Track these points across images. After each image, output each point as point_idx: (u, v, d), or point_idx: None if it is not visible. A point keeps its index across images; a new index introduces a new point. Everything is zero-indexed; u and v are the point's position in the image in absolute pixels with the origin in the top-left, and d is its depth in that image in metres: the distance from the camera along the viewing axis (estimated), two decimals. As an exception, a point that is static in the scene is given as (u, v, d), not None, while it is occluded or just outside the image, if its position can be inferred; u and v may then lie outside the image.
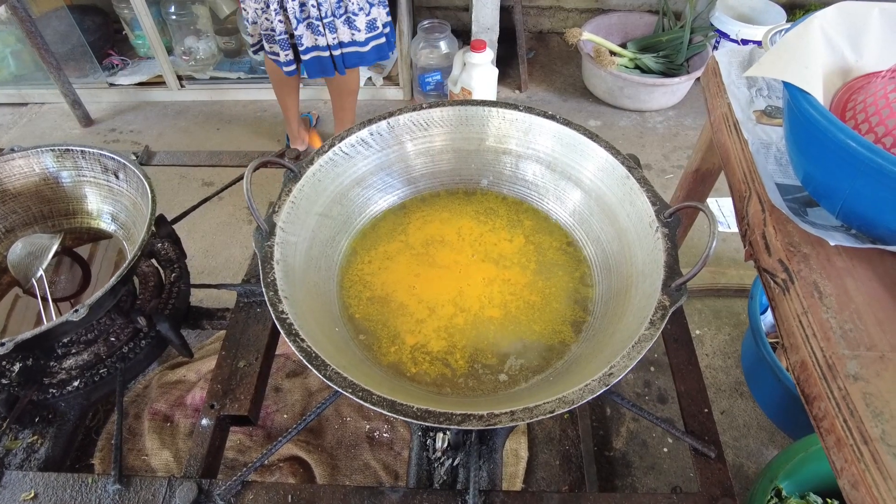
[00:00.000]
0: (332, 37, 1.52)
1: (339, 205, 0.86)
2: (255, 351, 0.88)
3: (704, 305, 1.69)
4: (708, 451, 0.73)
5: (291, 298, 0.69)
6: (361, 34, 1.52)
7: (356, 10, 1.47)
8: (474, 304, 0.81)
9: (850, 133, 0.60)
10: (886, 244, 0.68)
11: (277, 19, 1.54)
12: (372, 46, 1.59)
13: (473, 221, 0.91)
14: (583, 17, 2.69)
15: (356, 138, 0.85)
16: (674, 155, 2.21)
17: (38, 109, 2.47)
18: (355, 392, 0.59)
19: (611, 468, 1.35)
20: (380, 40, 1.60)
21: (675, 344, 0.85)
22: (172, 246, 1.07)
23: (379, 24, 1.55)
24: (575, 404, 0.57)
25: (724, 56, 1.07)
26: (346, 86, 1.82)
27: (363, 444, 1.36)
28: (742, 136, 0.90)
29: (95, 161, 0.97)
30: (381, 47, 1.62)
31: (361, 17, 1.49)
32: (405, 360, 0.76)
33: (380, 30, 1.56)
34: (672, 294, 0.65)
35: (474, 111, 0.88)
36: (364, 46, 1.56)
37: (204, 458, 0.78)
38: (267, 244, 0.72)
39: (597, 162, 0.82)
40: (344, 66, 1.61)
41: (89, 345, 0.92)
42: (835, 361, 0.62)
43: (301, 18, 1.53)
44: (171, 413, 1.42)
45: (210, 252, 1.90)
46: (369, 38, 1.55)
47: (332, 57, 1.59)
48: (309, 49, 1.60)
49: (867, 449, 0.57)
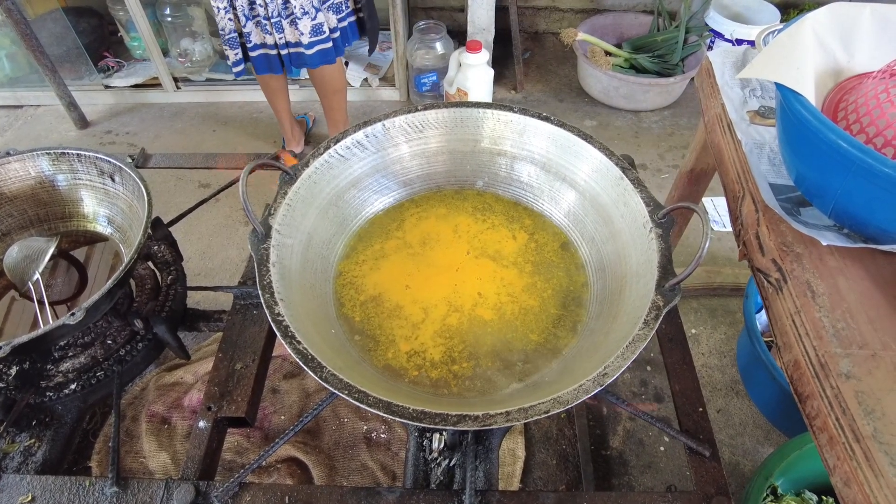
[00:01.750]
0: (279, 36, 1.59)
1: (335, 206, 0.86)
2: (251, 353, 0.88)
3: (700, 304, 1.70)
4: (702, 450, 0.74)
5: (287, 300, 0.69)
6: (305, 37, 1.57)
7: (300, 15, 1.53)
8: (467, 302, 0.81)
9: (841, 133, 0.61)
10: (878, 243, 0.69)
11: (227, 18, 1.61)
12: (317, 50, 1.64)
13: (471, 219, 0.92)
14: (578, 17, 2.70)
15: (352, 140, 0.86)
16: (669, 154, 2.22)
17: (34, 112, 2.47)
18: (351, 394, 0.59)
19: (608, 467, 1.36)
20: (325, 45, 1.64)
21: (670, 343, 0.86)
22: (169, 248, 1.07)
23: (326, 30, 1.60)
24: (569, 405, 0.58)
25: (717, 56, 1.07)
26: (329, 85, 1.86)
27: (360, 445, 1.36)
28: (736, 137, 0.90)
29: (91, 164, 0.97)
30: (327, 52, 1.66)
31: (306, 21, 1.55)
32: (402, 362, 0.76)
33: (326, 34, 1.60)
34: (666, 294, 0.65)
35: (469, 113, 0.89)
36: (309, 49, 1.61)
37: (201, 460, 0.78)
38: (263, 247, 0.72)
39: (591, 163, 0.83)
40: (291, 64, 1.67)
41: (86, 348, 0.92)
42: (827, 360, 0.63)
43: (250, 17, 1.60)
44: (168, 415, 1.42)
45: (207, 254, 1.90)
46: (313, 42, 1.60)
47: (280, 55, 1.65)
48: (257, 46, 1.67)
49: (859, 447, 0.57)
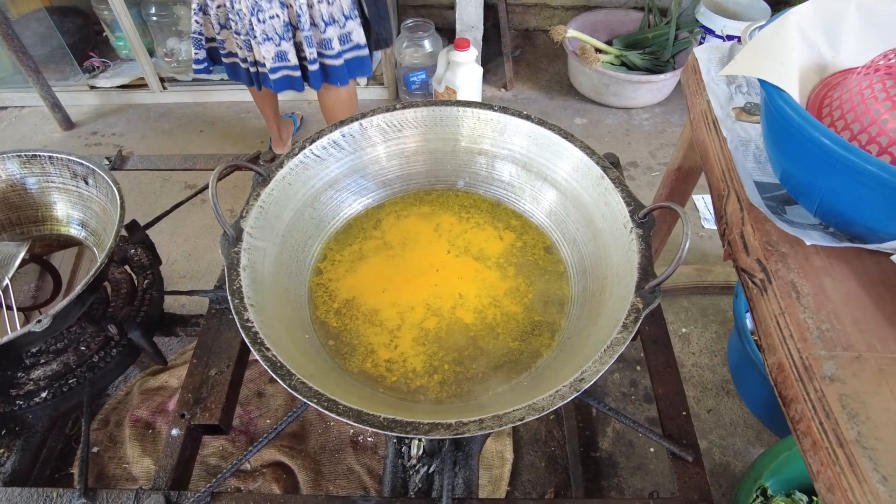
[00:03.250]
0: (249, 53, 1.61)
1: (310, 208, 0.84)
2: (226, 358, 0.87)
3: (691, 303, 1.68)
4: (686, 455, 0.72)
5: (258, 306, 0.67)
6: (268, 62, 1.58)
7: (262, 40, 1.53)
8: (447, 304, 0.79)
9: (824, 131, 0.59)
10: (864, 242, 0.67)
11: (195, 19, 1.62)
12: (280, 76, 1.63)
13: (454, 218, 0.90)
14: (568, 14, 2.67)
15: (327, 140, 0.84)
16: (660, 152, 2.20)
17: (18, 113, 2.43)
18: (320, 402, 0.57)
19: (597, 469, 1.34)
20: (293, 72, 1.63)
21: (654, 346, 0.84)
22: (146, 252, 1.05)
23: (290, 58, 1.59)
24: (545, 411, 0.56)
25: (703, 52, 1.05)
26: (328, 112, 1.84)
27: (347, 449, 1.35)
28: (721, 134, 0.88)
29: (64, 167, 0.95)
30: (291, 80, 1.65)
31: (269, 46, 1.55)
32: (381, 370, 0.74)
33: (291, 62, 1.60)
34: (645, 296, 0.63)
35: (448, 111, 0.87)
36: (273, 73, 1.62)
37: (173, 469, 0.76)
38: (233, 250, 0.70)
39: (572, 162, 0.81)
40: (259, 82, 1.69)
41: (59, 354, 0.90)
42: (811, 363, 0.61)
43: (225, 26, 1.62)
44: (152, 420, 1.40)
45: (193, 256, 1.88)
46: (275, 68, 1.60)
47: (248, 70, 1.67)
48: (230, 54, 1.70)
49: (843, 452, 0.56)
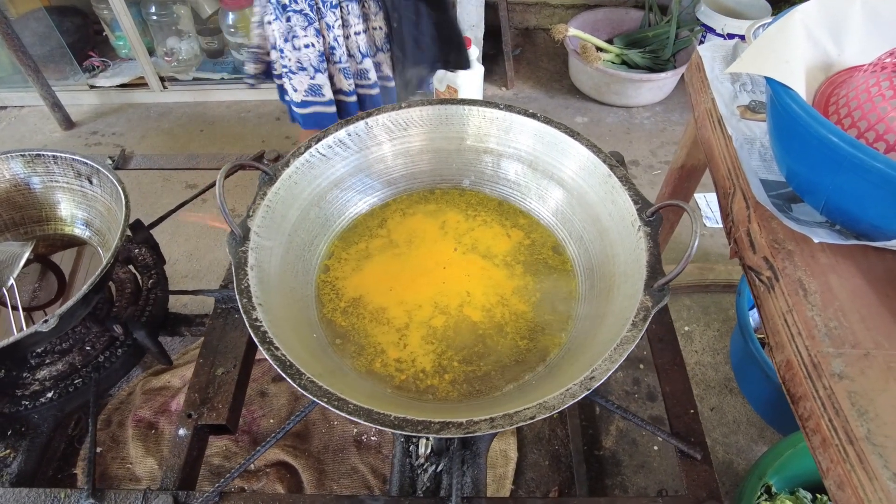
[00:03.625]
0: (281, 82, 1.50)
1: (316, 207, 0.84)
2: (233, 358, 0.86)
3: (693, 301, 1.69)
4: (694, 452, 0.72)
5: (266, 305, 0.67)
6: (298, 96, 1.49)
7: (296, 69, 1.44)
8: (454, 301, 0.79)
9: (832, 128, 0.59)
10: (870, 240, 0.68)
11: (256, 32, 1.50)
12: (310, 111, 1.54)
13: (461, 216, 0.90)
14: (569, 13, 2.67)
15: (333, 139, 0.84)
16: (661, 151, 2.20)
17: (18, 113, 2.43)
18: (331, 401, 0.57)
19: (601, 467, 1.34)
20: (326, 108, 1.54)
21: (660, 344, 0.84)
22: (150, 251, 1.04)
23: (325, 92, 1.50)
24: (556, 410, 0.56)
25: (707, 51, 1.05)
26: None
27: (351, 448, 1.34)
28: (726, 132, 0.89)
29: (68, 166, 0.95)
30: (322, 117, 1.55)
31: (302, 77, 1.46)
32: (390, 370, 0.74)
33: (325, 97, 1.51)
34: (654, 295, 0.63)
35: (454, 110, 0.86)
36: (302, 108, 1.52)
37: (181, 469, 0.76)
38: (241, 249, 0.70)
39: (578, 160, 0.81)
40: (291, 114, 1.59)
41: (64, 354, 0.90)
42: (820, 360, 0.61)
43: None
44: (155, 420, 1.40)
45: (195, 255, 1.88)
46: (306, 102, 1.51)
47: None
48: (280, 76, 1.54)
49: (852, 449, 0.56)
